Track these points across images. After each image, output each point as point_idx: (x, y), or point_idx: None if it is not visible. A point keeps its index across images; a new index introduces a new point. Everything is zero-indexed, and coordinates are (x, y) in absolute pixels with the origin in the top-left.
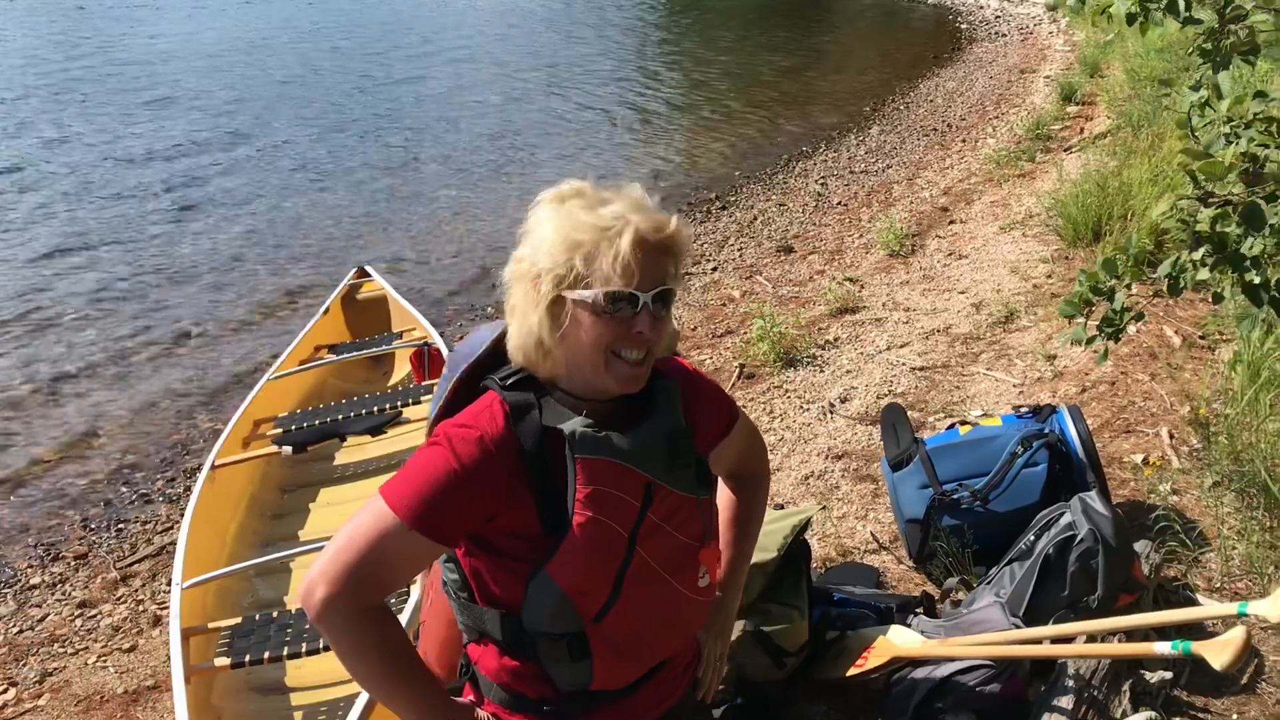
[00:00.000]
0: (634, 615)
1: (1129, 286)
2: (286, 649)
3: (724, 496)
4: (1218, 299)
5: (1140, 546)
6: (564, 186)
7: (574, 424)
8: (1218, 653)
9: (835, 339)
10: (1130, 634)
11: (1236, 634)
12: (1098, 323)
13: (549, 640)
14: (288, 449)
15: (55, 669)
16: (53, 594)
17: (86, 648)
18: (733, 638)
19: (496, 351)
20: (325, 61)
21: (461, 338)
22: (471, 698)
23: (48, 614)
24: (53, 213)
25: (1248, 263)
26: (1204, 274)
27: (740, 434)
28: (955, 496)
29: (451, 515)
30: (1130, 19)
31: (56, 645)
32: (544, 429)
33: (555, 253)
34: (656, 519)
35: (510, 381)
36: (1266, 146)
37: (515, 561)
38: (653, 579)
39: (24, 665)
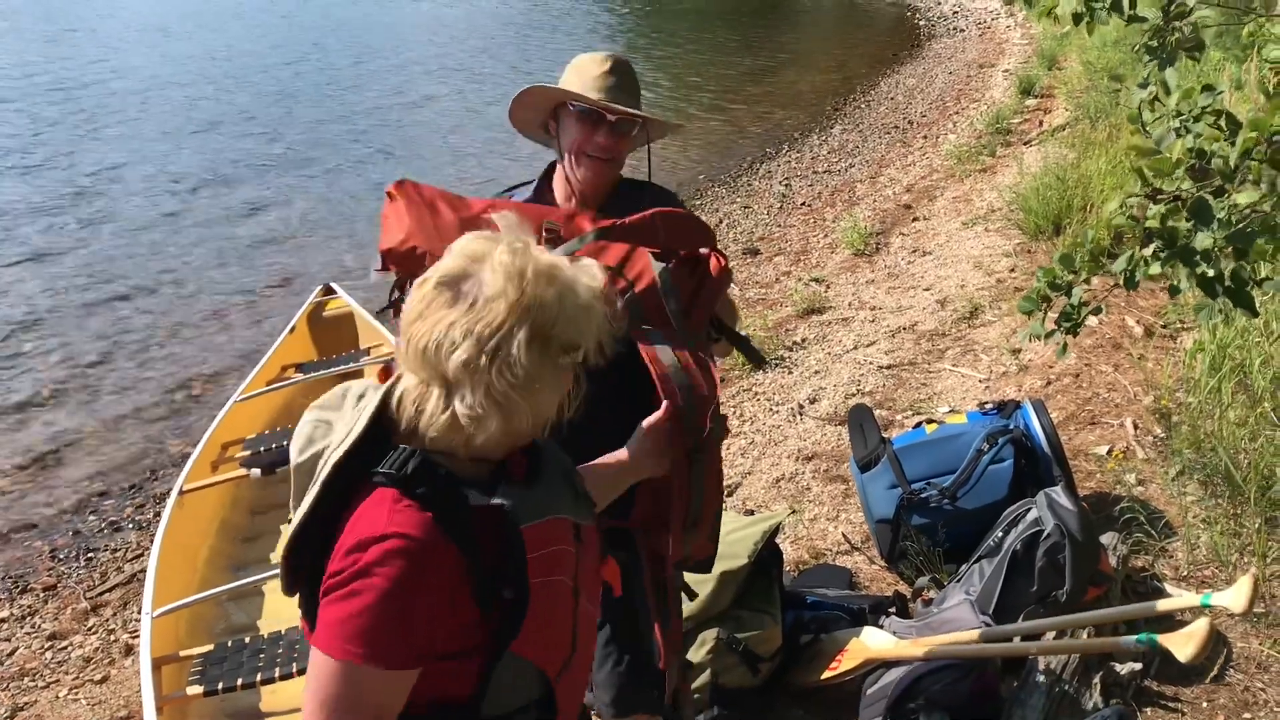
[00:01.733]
0: (582, 658)
1: (1087, 281)
2: (260, 674)
3: None
4: (1174, 292)
5: (1107, 538)
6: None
7: (502, 495)
8: (1182, 645)
9: (803, 340)
10: (1099, 628)
11: (1200, 626)
12: (1057, 317)
13: (517, 716)
14: (256, 471)
15: (26, 703)
16: (22, 627)
17: (58, 680)
18: (707, 647)
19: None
20: (292, 77)
21: None
22: None
23: (17, 647)
24: (12, 234)
25: (1198, 257)
26: (1156, 269)
27: None
28: (924, 495)
29: (407, 638)
30: (1076, 19)
31: (27, 679)
32: (472, 511)
33: None
34: (587, 559)
35: (404, 470)
36: (1215, 141)
37: (465, 660)
38: (587, 617)
39: None
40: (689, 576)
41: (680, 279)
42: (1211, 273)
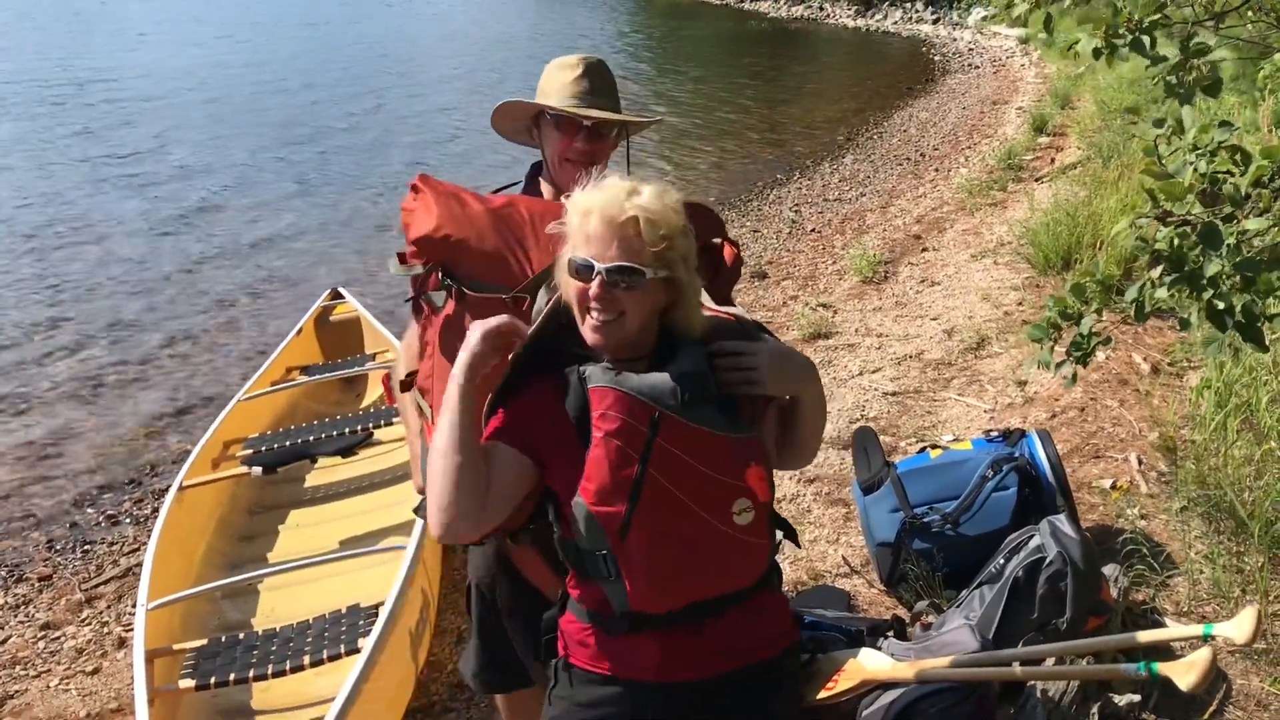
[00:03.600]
0: (657, 537)
1: (1098, 312)
2: (253, 671)
3: None
4: (1184, 325)
5: (1109, 570)
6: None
7: (590, 367)
8: (1184, 674)
9: None
10: (1098, 656)
11: (1202, 655)
12: (1066, 347)
13: (591, 558)
14: (258, 470)
15: (17, 691)
16: (16, 615)
17: (49, 670)
18: None
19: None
20: (303, 82)
21: None
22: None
23: (10, 636)
24: (18, 232)
25: (1205, 282)
26: (1162, 293)
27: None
28: (926, 520)
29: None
30: (1096, 54)
31: (18, 667)
32: (581, 378)
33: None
34: (670, 446)
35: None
36: (1229, 173)
37: (566, 488)
38: (671, 503)
39: None
40: None
41: (703, 266)
42: (1221, 305)
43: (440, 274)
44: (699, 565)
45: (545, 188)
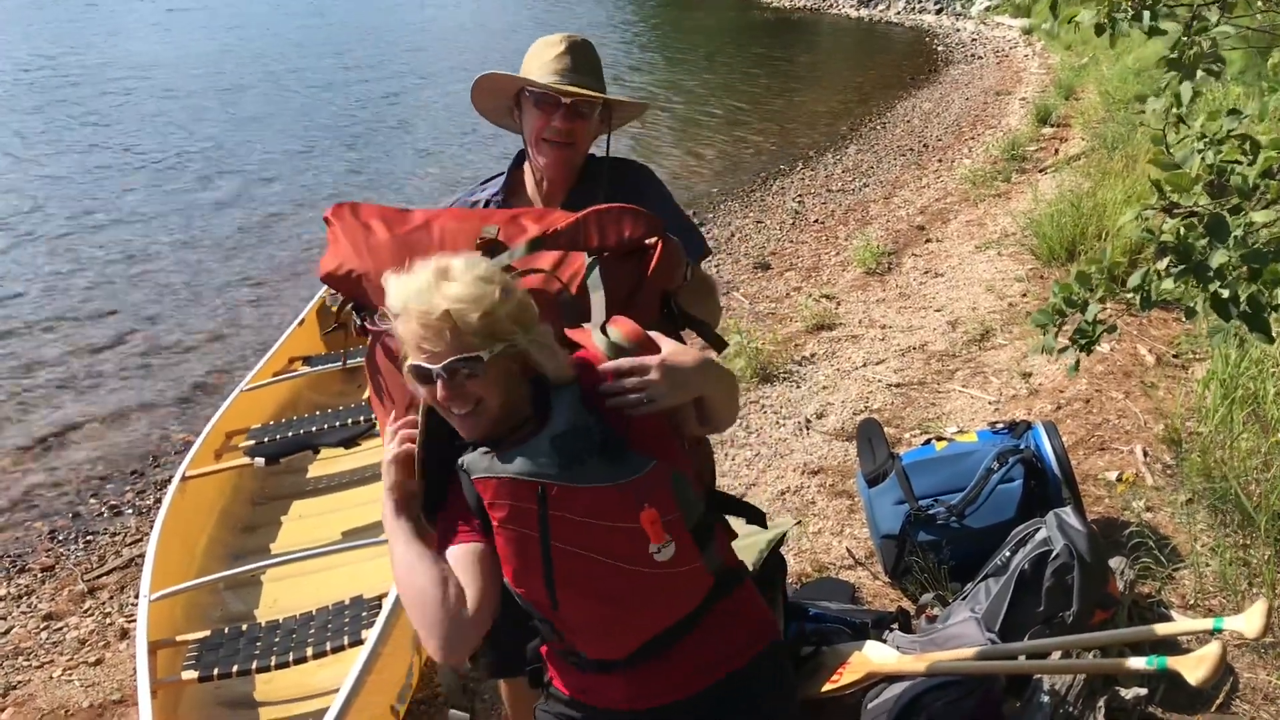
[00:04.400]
0: (586, 601)
1: (1102, 300)
2: (255, 662)
3: None
4: (1189, 314)
5: (1115, 563)
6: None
7: (465, 457)
8: (1193, 668)
9: (812, 355)
10: (1105, 650)
11: (1212, 649)
12: (1070, 335)
13: (542, 624)
14: (260, 460)
15: (19, 682)
16: (18, 606)
17: (52, 660)
18: None
19: None
20: (310, 72)
21: None
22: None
23: (13, 626)
24: (22, 221)
25: (1212, 274)
26: (1168, 284)
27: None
28: (931, 512)
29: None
30: (1099, 30)
31: (21, 658)
32: (465, 470)
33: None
34: (565, 514)
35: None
36: (1238, 162)
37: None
38: (587, 566)
39: None
40: None
41: (620, 272)
42: (1226, 294)
43: (353, 307)
44: (636, 611)
45: (528, 173)
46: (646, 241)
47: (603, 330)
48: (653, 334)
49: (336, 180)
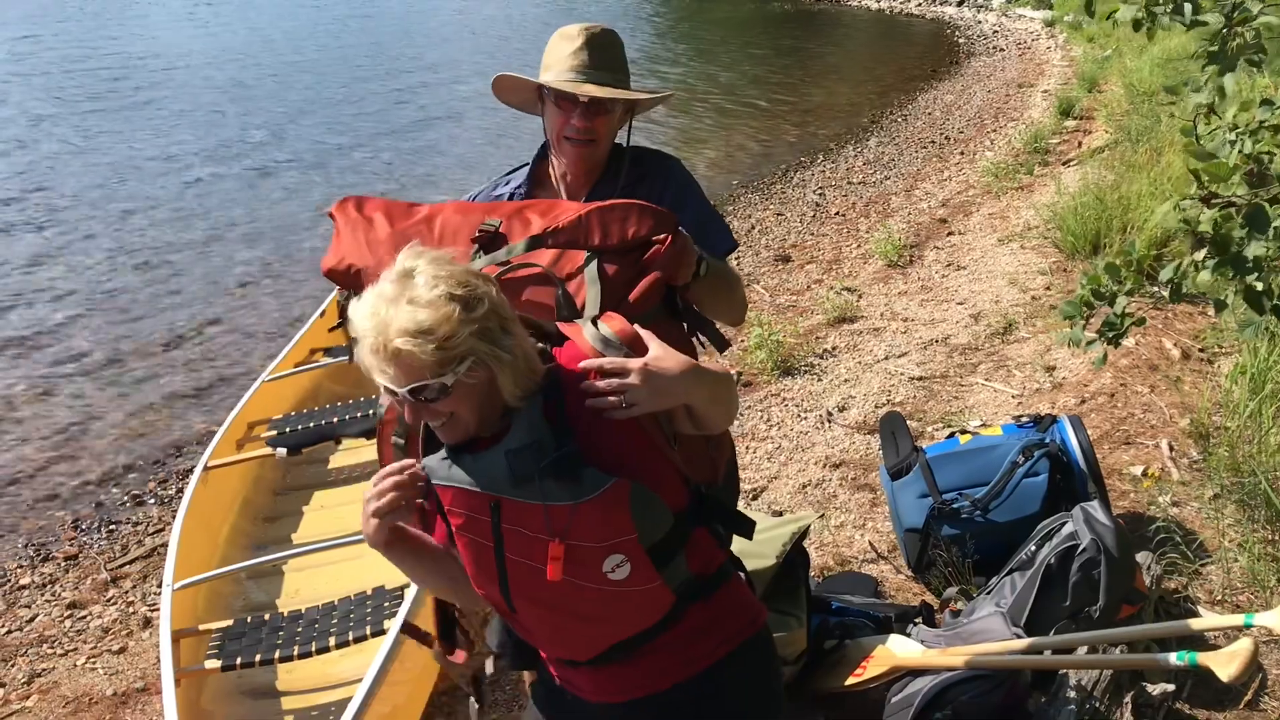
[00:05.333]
0: (540, 608)
1: (1131, 293)
2: (278, 652)
3: None
4: (1219, 307)
5: (1141, 558)
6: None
7: (429, 459)
8: (1224, 664)
9: (833, 348)
10: (1133, 645)
11: (1243, 645)
12: (1097, 328)
13: (509, 619)
14: (282, 451)
15: (44, 670)
16: (42, 594)
17: (76, 649)
18: None
19: None
20: (329, 69)
21: None
22: None
23: (37, 614)
24: (48, 213)
25: (1249, 265)
26: (1205, 276)
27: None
28: (955, 506)
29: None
30: (1137, 24)
31: (45, 646)
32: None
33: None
34: (517, 527)
35: None
36: (1273, 153)
37: None
38: (540, 578)
39: (12, 666)
40: None
41: (622, 266)
42: (1260, 286)
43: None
44: (592, 624)
45: (553, 164)
46: (655, 238)
47: (593, 324)
48: (643, 334)
49: (358, 170)
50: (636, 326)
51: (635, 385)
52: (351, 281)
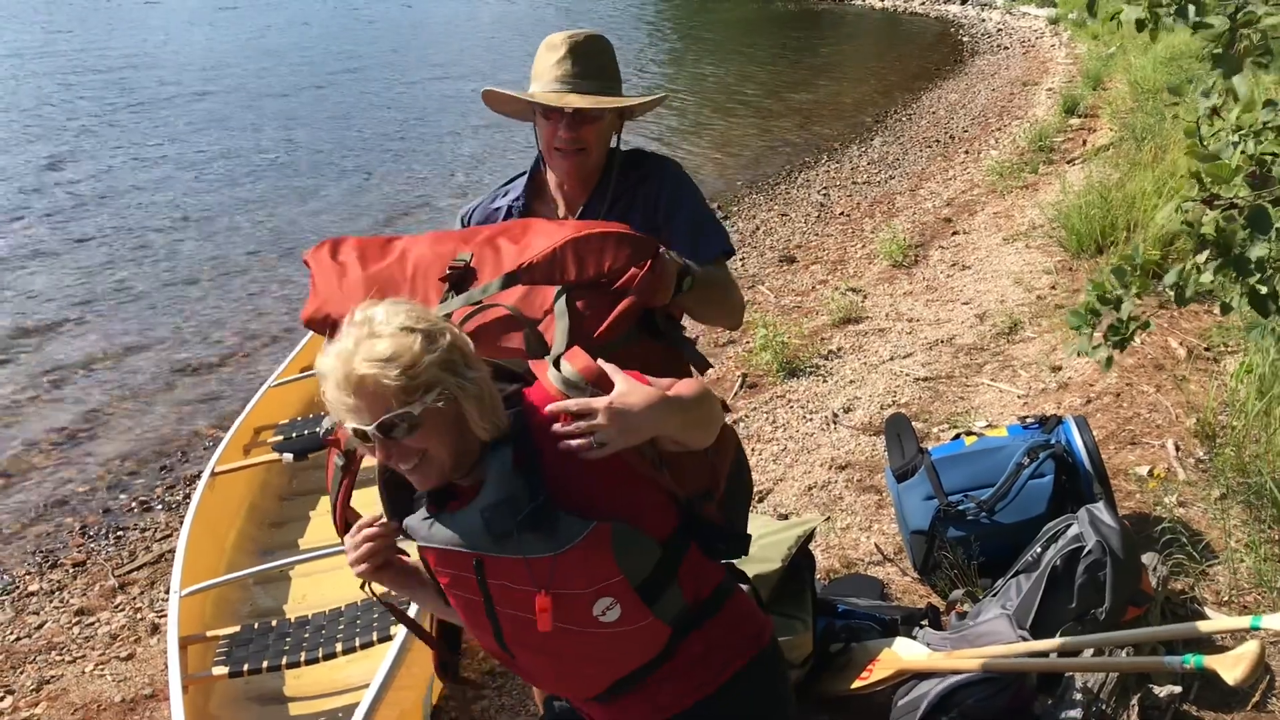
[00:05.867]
0: (536, 655)
1: (1138, 295)
2: (285, 658)
3: None
4: (1225, 309)
5: (1147, 559)
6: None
7: (409, 520)
8: (1230, 667)
9: (838, 349)
10: (1139, 647)
11: (1250, 648)
12: (1103, 332)
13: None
14: (288, 456)
15: (52, 676)
16: (50, 601)
17: (84, 655)
18: None
19: None
20: (339, 74)
21: None
22: None
23: (45, 621)
24: (54, 218)
25: (1252, 266)
26: (1207, 278)
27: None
28: (961, 508)
29: None
30: (1140, 25)
31: (54, 653)
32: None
33: None
34: (502, 582)
35: None
36: (1276, 154)
37: None
38: (532, 627)
39: (21, 673)
40: None
41: (591, 299)
42: (1265, 289)
43: None
44: (591, 662)
45: (550, 174)
46: (633, 270)
47: (555, 365)
48: (608, 368)
49: (366, 176)
50: (600, 362)
51: (602, 425)
52: (328, 329)
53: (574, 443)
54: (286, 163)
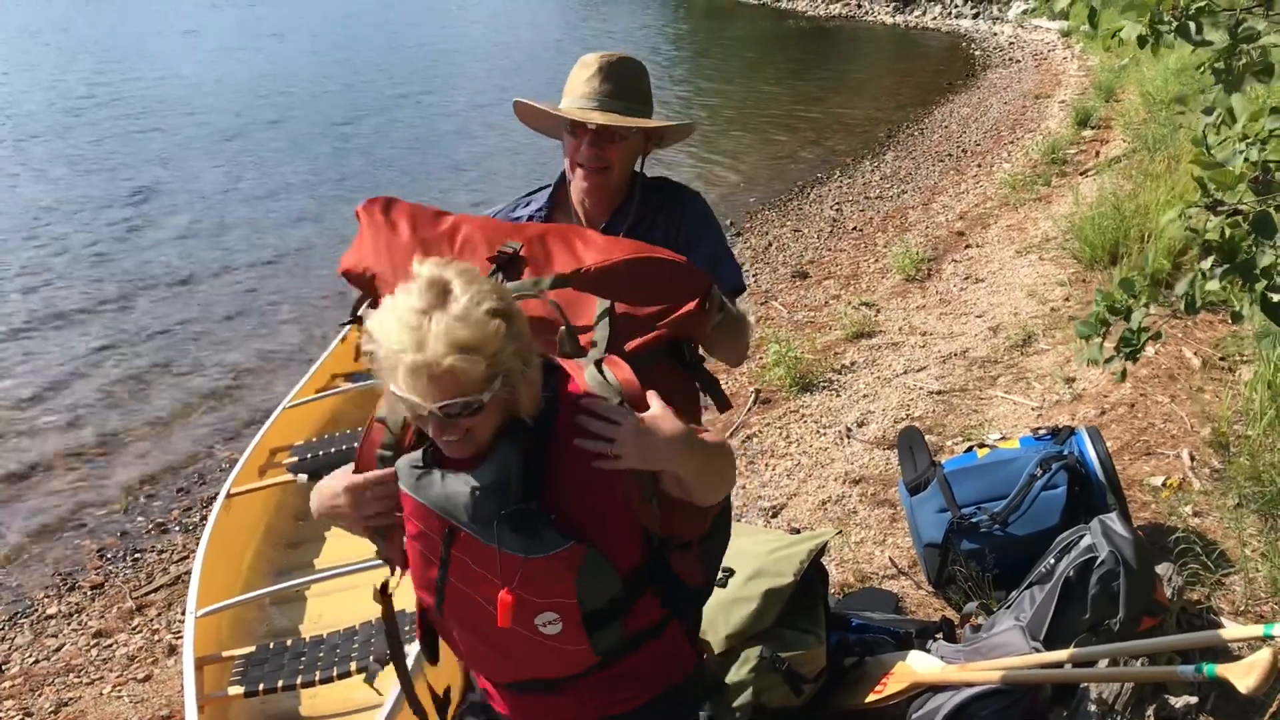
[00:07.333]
0: (465, 630)
1: (1147, 306)
2: (300, 678)
3: None
4: (1236, 318)
5: (1162, 569)
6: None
7: (406, 459)
8: (1243, 676)
9: (851, 363)
10: (1153, 658)
11: (1263, 656)
12: (1115, 343)
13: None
14: (303, 477)
15: (71, 699)
16: (69, 624)
17: (102, 677)
18: (750, 665)
19: None
20: (350, 92)
21: None
22: None
23: (64, 644)
24: (69, 243)
25: (1258, 272)
26: (1213, 285)
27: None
28: (974, 520)
29: None
30: (1141, 42)
31: (72, 675)
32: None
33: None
34: (465, 558)
35: None
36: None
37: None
38: (473, 606)
39: (39, 695)
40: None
41: (634, 316)
42: (1276, 297)
43: (370, 304)
44: (515, 660)
45: (574, 189)
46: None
47: (598, 367)
48: (650, 395)
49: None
50: (650, 393)
51: (625, 439)
52: (366, 285)
53: (591, 444)
54: (297, 185)
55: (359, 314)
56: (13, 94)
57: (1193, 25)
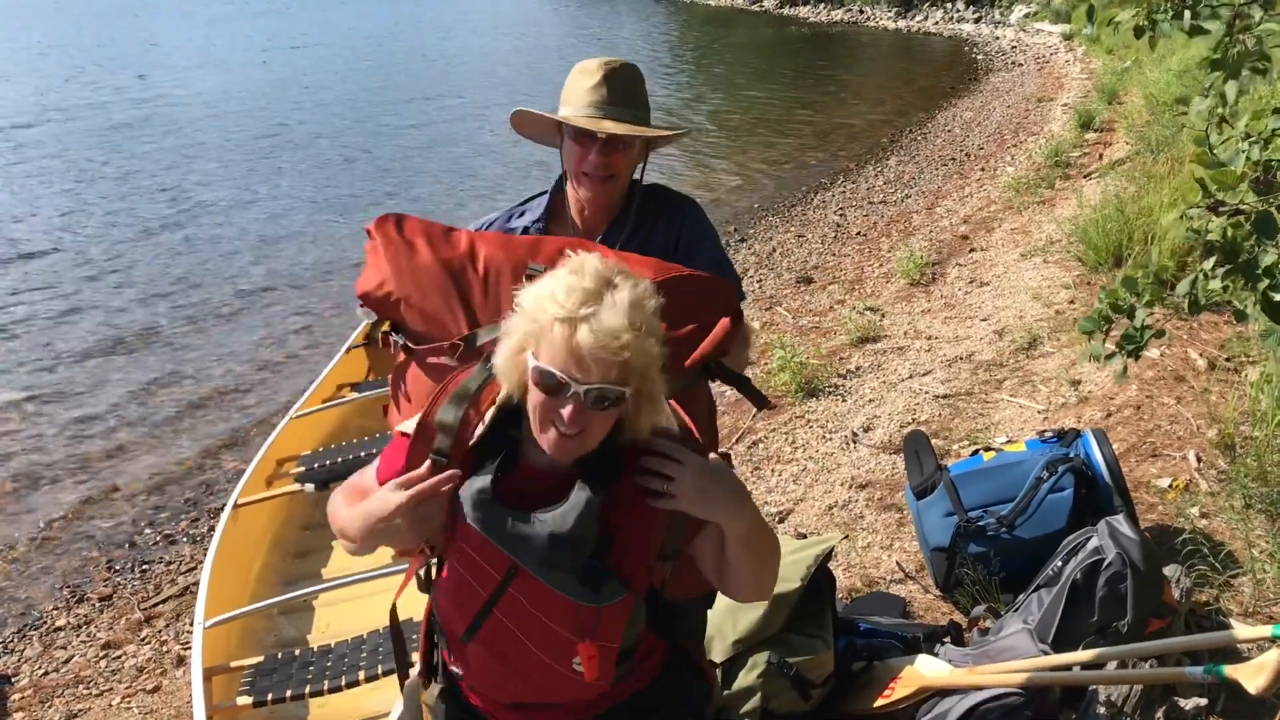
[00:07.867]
0: (491, 661)
1: (1150, 305)
2: (309, 687)
3: None
4: (1240, 317)
5: (1170, 571)
6: (577, 261)
7: (473, 489)
8: (1252, 676)
9: (857, 368)
10: (1162, 659)
11: (1271, 657)
12: (1117, 341)
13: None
14: (310, 487)
15: (80, 710)
16: (78, 635)
17: (111, 689)
18: (757, 670)
19: None
20: (357, 100)
21: None
22: None
23: (73, 655)
24: (74, 256)
25: (1260, 273)
26: (1215, 285)
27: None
28: (981, 523)
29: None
30: (1138, 32)
31: (81, 686)
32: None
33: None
34: (520, 597)
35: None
36: None
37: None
38: (510, 639)
39: (49, 707)
40: None
41: (673, 341)
42: (1277, 296)
43: (389, 326)
44: (533, 686)
45: (570, 198)
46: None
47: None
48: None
49: (387, 208)
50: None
51: (685, 479)
52: (389, 309)
53: (651, 481)
54: (303, 198)
55: (381, 331)
56: (17, 103)
57: (1188, 14)
